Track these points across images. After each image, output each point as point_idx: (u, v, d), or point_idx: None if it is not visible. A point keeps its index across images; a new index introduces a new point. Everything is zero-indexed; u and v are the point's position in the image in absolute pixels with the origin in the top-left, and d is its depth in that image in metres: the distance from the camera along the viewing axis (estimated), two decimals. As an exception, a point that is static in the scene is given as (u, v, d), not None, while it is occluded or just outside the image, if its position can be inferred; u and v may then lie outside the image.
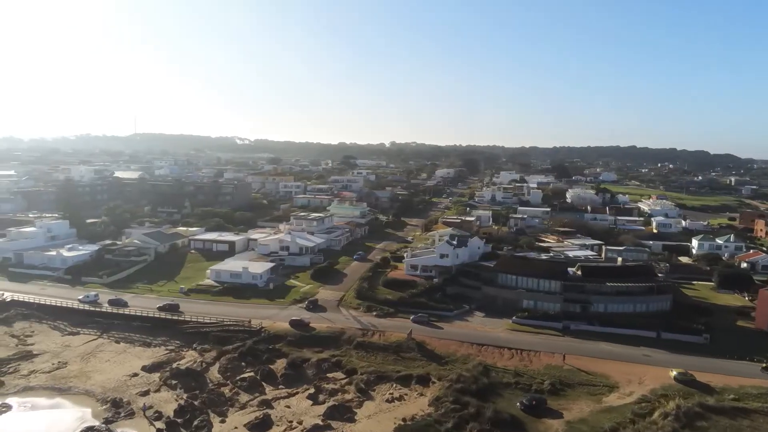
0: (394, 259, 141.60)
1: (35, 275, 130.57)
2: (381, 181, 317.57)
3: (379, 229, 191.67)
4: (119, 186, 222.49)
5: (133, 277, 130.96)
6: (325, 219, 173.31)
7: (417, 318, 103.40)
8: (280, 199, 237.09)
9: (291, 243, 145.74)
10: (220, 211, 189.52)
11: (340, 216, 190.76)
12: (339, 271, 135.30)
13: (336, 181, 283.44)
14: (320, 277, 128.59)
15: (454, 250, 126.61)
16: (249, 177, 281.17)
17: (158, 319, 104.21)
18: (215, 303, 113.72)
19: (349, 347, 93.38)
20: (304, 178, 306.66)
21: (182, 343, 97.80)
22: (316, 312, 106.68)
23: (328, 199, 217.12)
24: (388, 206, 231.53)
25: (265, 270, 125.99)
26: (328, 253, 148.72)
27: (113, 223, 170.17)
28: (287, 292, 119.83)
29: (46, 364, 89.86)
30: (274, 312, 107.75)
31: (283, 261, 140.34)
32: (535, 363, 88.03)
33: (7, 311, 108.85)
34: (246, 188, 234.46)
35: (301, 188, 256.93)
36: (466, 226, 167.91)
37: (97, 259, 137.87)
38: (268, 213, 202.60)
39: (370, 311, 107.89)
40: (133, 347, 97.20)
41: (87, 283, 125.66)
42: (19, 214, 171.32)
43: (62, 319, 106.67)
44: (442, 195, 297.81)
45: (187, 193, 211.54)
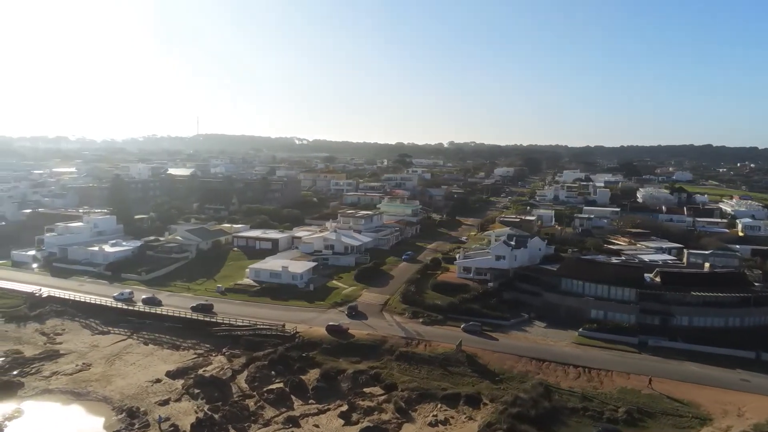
0: (445, 261, 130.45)
1: (77, 270, 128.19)
2: (436, 179, 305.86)
3: (432, 228, 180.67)
4: (171, 183, 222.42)
5: (172, 275, 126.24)
6: (374, 217, 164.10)
7: (468, 327, 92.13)
8: (331, 197, 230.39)
9: (336, 241, 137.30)
10: (267, 208, 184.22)
11: (391, 214, 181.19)
12: (385, 273, 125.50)
13: (389, 179, 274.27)
14: (364, 278, 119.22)
15: (511, 252, 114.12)
16: (300, 174, 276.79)
17: (190, 320, 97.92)
18: (251, 304, 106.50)
19: (390, 358, 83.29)
20: (357, 176, 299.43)
21: (212, 346, 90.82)
22: (356, 318, 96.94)
23: (378, 197, 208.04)
24: (442, 205, 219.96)
25: (305, 270, 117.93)
26: (375, 253, 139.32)
27: (160, 220, 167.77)
28: (328, 293, 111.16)
29: (70, 366, 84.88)
30: (312, 316, 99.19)
31: (326, 260, 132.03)
32: (607, 385, 74.92)
33: (42, 307, 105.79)
34: (295, 185, 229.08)
35: (353, 186, 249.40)
36: (526, 225, 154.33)
37: (139, 256, 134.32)
38: (316, 211, 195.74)
39: (416, 317, 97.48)
40: (161, 350, 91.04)
41: (126, 280, 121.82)
42: (71, 210, 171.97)
43: (95, 317, 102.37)
44: (500, 194, 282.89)
45: (235, 189, 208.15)
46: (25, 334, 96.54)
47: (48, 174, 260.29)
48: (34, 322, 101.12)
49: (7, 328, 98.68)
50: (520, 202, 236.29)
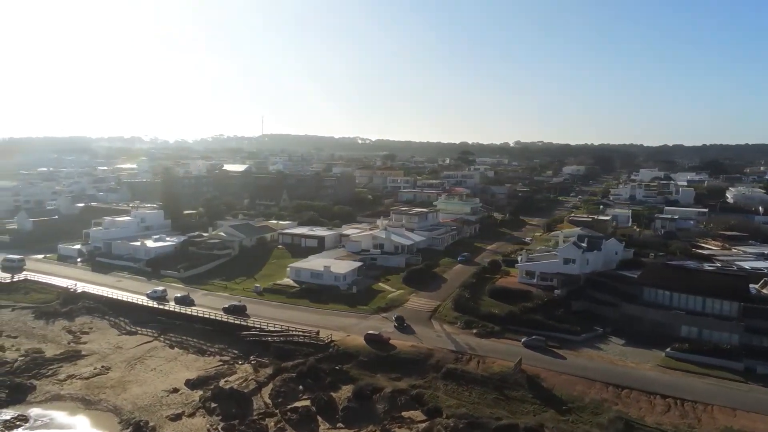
0: (506, 263, 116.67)
1: (118, 266, 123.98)
2: (500, 177, 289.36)
3: (493, 227, 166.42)
4: (225, 179, 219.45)
5: (212, 272, 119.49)
6: (429, 215, 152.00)
7: (530, 341, 78.67)
8: (387, 195, 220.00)
9: (385, 240, 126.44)
10: (318, 204, 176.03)
11: (448, 212, 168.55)
12: (437, 275, 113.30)
13: (449, 176, 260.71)
14: (414, 281, 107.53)
15: (582, 255, 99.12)
16: (356, 171, 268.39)
17: (220, 323, 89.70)
18: (288, 306, 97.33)
19: (436, 376, 71.23)
20: (416, 173, 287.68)
21: (239, 353, 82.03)
22: (406, 332, 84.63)
23: (435, 194, 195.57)
24: (504, 203, 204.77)
25: (349, 270, 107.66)
26: (428, 254, 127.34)
27: (208, 215, 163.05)
28: (372, 297, 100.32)
29: (88, 369, 78.40)
30: (351, 322, 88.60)
31: (374, 260, 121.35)
32: (707, 423, 59.71)
33: (75, 304, 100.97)
34: (349, 182, 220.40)
35: (410, 183, 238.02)
36: (600, 226, 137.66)
37: (181, 252, 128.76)
38: (370, 208, 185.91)
39: (470, 328, 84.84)
40: (186, 354, 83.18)
41: (164, 277, 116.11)
42: (122, 204, 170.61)
43: (125, 316, 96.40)
44: (569, 193, 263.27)
45: (287, 185, 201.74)
46: (51, 332, 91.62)
47: (110, 170, 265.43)
48: (63, 319, 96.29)
49: (35, 325, 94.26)
50: (591, 202, 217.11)
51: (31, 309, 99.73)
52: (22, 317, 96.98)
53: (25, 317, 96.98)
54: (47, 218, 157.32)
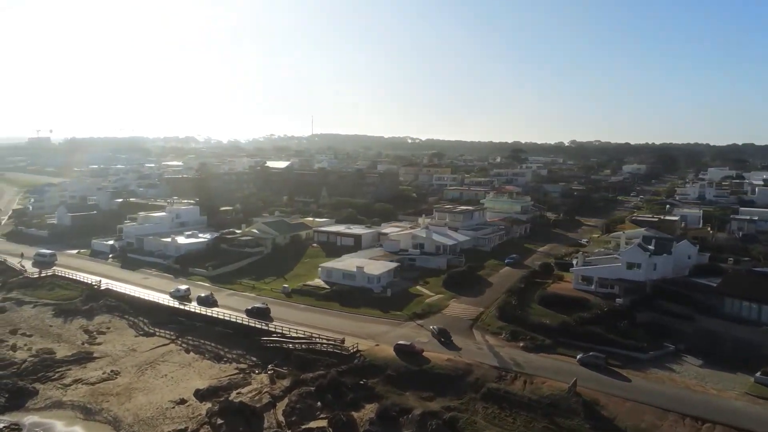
0: (559, 267, 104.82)
1: (147, 262, 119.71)
2: (553, 176, 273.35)
3: (545, 228, 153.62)
4: (266, 175, 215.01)
5: (241, 271, 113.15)
6: (475, 213, 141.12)
7: (587, 358, 67.36)
8: (432, 193, 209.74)
9: (426, 239, 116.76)
10: (357, 201, 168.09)
11: (496, 211, 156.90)
12: (482, 279, 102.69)
13: (499, 174, 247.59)
14: (455, 284, 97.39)
15: (649, 258, 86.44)
16: (401, 169, 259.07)
17: (241, 326, 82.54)
18: (315, 309, 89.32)
19: (475, 396, 61.24)
20: (464, 171, 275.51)
21: (258, 360, 74.52)
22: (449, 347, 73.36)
23: (483, 192, 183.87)
24: (558, 202, 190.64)
25: (384, 271, 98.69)
26: (472, 255, 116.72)
27: (244, 212, 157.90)
28: (408, 301, 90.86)
29: (97, 373, 72.83)
30: (382, 329, 79.50)
31: (413, 261, 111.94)
32: (817, 474, 47.14)
33: (96, 301, 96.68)
34: (392, 179, 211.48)
35: (457, 181, 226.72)
36: (666, 227, 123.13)
37: (213, 249, 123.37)
38: (413, 206, 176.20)
39: (516, 340, 74.17)
40: (201, 360, 76.39)
41: (192, 275, 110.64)
42: (160, 200, 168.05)
43: (145, 315, 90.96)
44: (630, 193, 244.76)
45: (328, 182, 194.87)
46: (67, 331, 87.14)
47: (157, 167, 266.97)
48: (82, 317, 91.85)
49: (53, 323, 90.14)
50: (655, 202, 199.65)
51: (52, 306, 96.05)
52: (42, 314, 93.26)
53: (45, 314, 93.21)
54: (85, 213, 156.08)
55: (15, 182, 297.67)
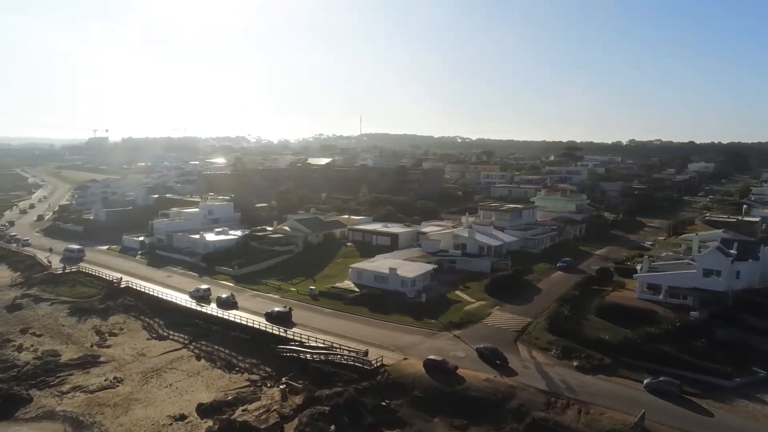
0: (619, 273, 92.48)
1: (174, 260, 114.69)
2: (611, 174, 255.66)
3: (603, 228, 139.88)
4: (306, 172, 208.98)
5: (270, 270, 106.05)
6: (524, 212, 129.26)
7: (657, 384, 55.76)
8: (479, 191, 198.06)
9: (468, 239, 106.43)
10: (398, 199, 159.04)
11: (548, 210, 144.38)
12: (529, 284, 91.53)
13: (551, 172, 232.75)
14: (499, 290, 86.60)
15: (732, 265, 73.22)
16: (448, 166, 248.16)
17: (258, 332, 74.79)
18: (341, 315, 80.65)
19: (517, 427, 50.92)
20: (514, 169, 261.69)
21: (272, 371, 66.52)
22: (504, 370, 62.02)
23: (534, 190, 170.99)
24: (617, 202, 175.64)
25: (419, 274, 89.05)
26: (520, 257, 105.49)
27: (280, 208, 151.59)
28: (445, 308, 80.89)
29: (99, 380, 66.67)
30: (414, 340, 69.96)
31: (453, 263, 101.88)
32: None
33: (114, 300, 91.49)
34: (436, 176, 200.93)
35: (506, 179, 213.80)
36: (746, 229, 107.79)
37: (242, 247, 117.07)
38: (457, 204, 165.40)
39: (569, 358, 63.15)
40: (211, 369, 69.04)
41: (217, 274, 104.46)
42: (196, 196, 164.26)
43: (161, 316, 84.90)
44: (697, 193, 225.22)
45: (368, 179, 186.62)
46: (78, 331, 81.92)
47: (201, 164, 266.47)
48: (96, 317, 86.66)
49: (66, 322, 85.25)
50: (727, 202, 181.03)
51: (69, 304, 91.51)
52: (57, 313, 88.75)
53: (60, 313, 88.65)
54: (121, 209, 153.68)
55: (69, 179, 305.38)
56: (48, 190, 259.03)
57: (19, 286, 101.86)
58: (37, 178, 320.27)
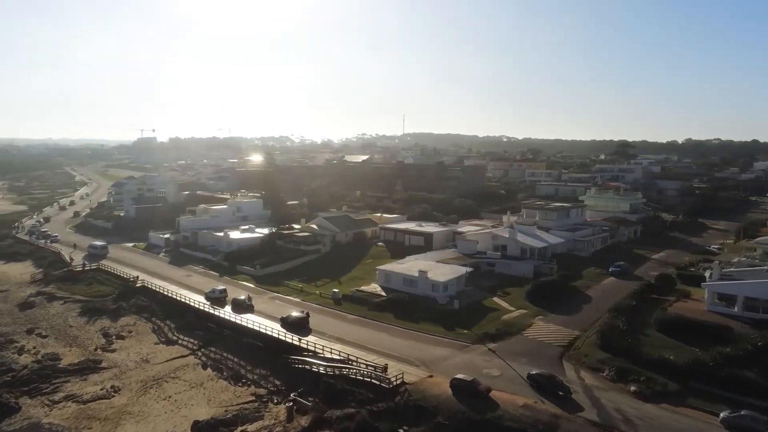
0: (683, 280, 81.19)
1: (197, 258, 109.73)
2: (668, 172, 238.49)
3: (660, 230, 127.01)
4: (342, 169, 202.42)
5: (294, 270, 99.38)
6: (572, 211, 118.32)
7: (737, 419, 45.41)
8: (523, 189, 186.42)
9: (509, 240, 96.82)
10: (435, 197, 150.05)
11: (599, 210, 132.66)
12: (578, 291, 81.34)
13: (602, 170, 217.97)
14: (543, 297, 76.85)
15: (825, 274, 61.26)
16: (490, 164, 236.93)
17: (271, 339, 67.75)
18: (366, 322, 72.79)
19: (562, 469, 41.60)
20: (562, 167, 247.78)
21: (281, 385, 59.33)
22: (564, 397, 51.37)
23: (583, 188, 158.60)
24: (676, 202, 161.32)
25: (453, 278, 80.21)
26: (566, 260, 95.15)
27: (311, 206, 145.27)
28: (480, 317, 71.88)
29: (95, 388, 61.14)
30: (443, 353, 61.33)
31: (491, 266, 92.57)
32: None
33: (127, 300, 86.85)
34: (477, 173, 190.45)
35: (553, 176, 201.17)
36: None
37: (267, 245, 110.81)
38: (500, 203, 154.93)
39: (625, 380, 53.21)
40: (217, 380, 62.40)
41: (239, 273, 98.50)
42: (227, 193, 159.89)
43: (172, 319, 79.37)
44: (766, 193, 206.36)
45: (406, 176, 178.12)
46: (85, 333, 77.14)
47: (238, 162, 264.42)
48: (107, 317, 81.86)
49: (75, 323, 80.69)
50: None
51: (81, 303, 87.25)
52: (68, 312, 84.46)
53: (71, 313, 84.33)
54: (151, 206, 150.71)
55: (114, 177, 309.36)
56: (92, 188, 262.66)
57: (37, 283, 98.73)
58: (84, 176, 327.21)
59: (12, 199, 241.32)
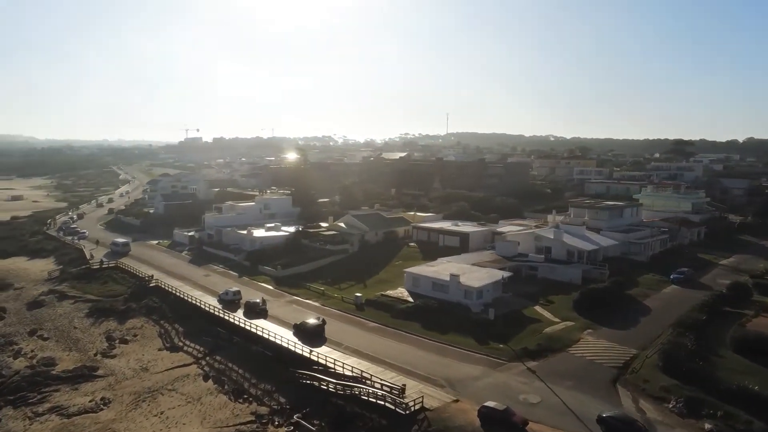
0: (760, 290, 69.47)
1: (218, 257, 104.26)
2: (732, 170, 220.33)
3: (728, 233, 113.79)
4: (378, 167, 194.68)
5: (318, 272, 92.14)
6: (626, 210, 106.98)
7: None
8: (572, 188, 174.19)
9: (554, 242, 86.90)
10: (474, 195, 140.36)
11: (656, 210, 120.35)
12: (634, 301, 70.87)
13: (658, 168, 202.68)
14: (593, 307, 66.87)
15: None
16: (536, 162, 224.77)
17: (281, 349, 60.49)
18: (388, 331, 64.66)
19: None
20: (613, 165, 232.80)
21: (286, 403, 51.91)
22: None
23: (637, 186, 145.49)
24: (743, 202, 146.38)
25: (488, 283, 71.13)
26: (620, 265, 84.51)
27: (341, 204, 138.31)
28: (519, 328, 62.61)
29: (84, 399, 55.43)
30: (473, 372, 52.52)
31: (533, 271, 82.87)
32: None
33: (139, 301, 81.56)
34: (521, 170, 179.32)
35: (603, 174, 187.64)
36: None
37: (292, 244, 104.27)
38: (545, 202, 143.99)
39: (696, 415, 43.26)
40: (216, 395, 55.50)
41: (259, 274, 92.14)
42: (257, 190, 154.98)
43: (182, 322, 73.46)
44: None
45: (444, 173, 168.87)
46: (89, 336, 72.03)
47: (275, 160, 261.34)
48: (114, 319, 76.66)
49: (80, 325, 75.83)
50: None
51: (91, 303, 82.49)
52: (75, 313, 79.80)
53: (78, 313, 79.63)
54: (180, 202, 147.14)
55: (155, 175, 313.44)
56: (133, 186, 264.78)
57: (53, 281, 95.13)
58: (128, 175, 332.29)
59: (56, 196, 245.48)
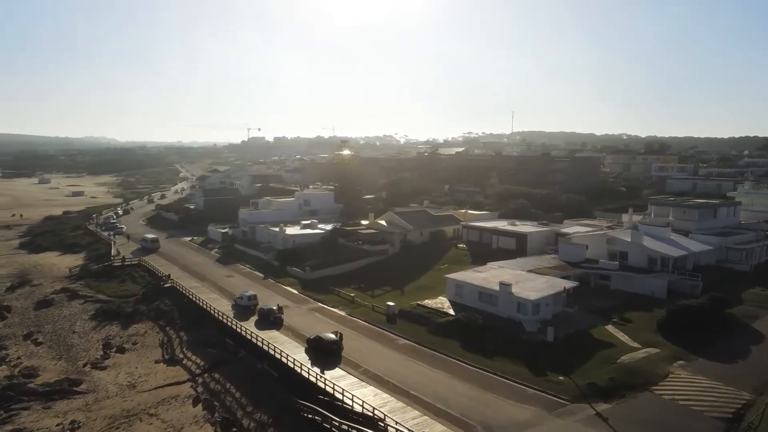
0: None
1: (248, 255, 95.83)
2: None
3: None
4: (432, 162, 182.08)
5: (351, 275, 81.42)
6: (720, 209, 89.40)
7: None
8: (650, 185, 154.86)
9: (631, 246, 71.86)
10: (536, 192, 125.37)
11: (756, 210, 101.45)
12: (740, 324, 55.33)
13: (752, 164, 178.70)
14: (683, 330, 52.12)
15: None
16: (608, 157, 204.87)
17: (289, 370, 49.77)
18: (420, 350, 52.82)
19: None
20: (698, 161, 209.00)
21: (281, 442, 40.93)
22: None
23: (731, 182, 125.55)
24: None
25: (547, 295, 57.55)
26: (717, 276, 68.48)
27: (387, 200, 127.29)
28: (586, 356, 48.90)
29: (52, 422, 46.95)
30: (523, 416, 39.70)
31: (605, 280, 68.26)
32: None
33: (149, 302, 73.68)
34: (591, 166, 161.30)
35: (687, 171, 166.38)
36: None
37: (328, 244, 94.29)
38: (619, 201, 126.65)
39: None
40: (202, 424, 45.76)
41: (284, 276, 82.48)
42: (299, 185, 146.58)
43: (187, 331, 64.65)
44: None
45: (503, 169, 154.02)
46: (86, 342, 64.41)
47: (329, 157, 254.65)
48: (117, 323, 68.90)
49: (80, 328, 68.52)
50: None
51: (100, 304, 75.36)
52: (80, 315, 72.79)
53: (83, 315, 72.57)
54: (220, 198, 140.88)
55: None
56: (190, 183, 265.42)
57: (71, 278, 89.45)
58: (188, 173, 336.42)
59: (115, 192, 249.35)
